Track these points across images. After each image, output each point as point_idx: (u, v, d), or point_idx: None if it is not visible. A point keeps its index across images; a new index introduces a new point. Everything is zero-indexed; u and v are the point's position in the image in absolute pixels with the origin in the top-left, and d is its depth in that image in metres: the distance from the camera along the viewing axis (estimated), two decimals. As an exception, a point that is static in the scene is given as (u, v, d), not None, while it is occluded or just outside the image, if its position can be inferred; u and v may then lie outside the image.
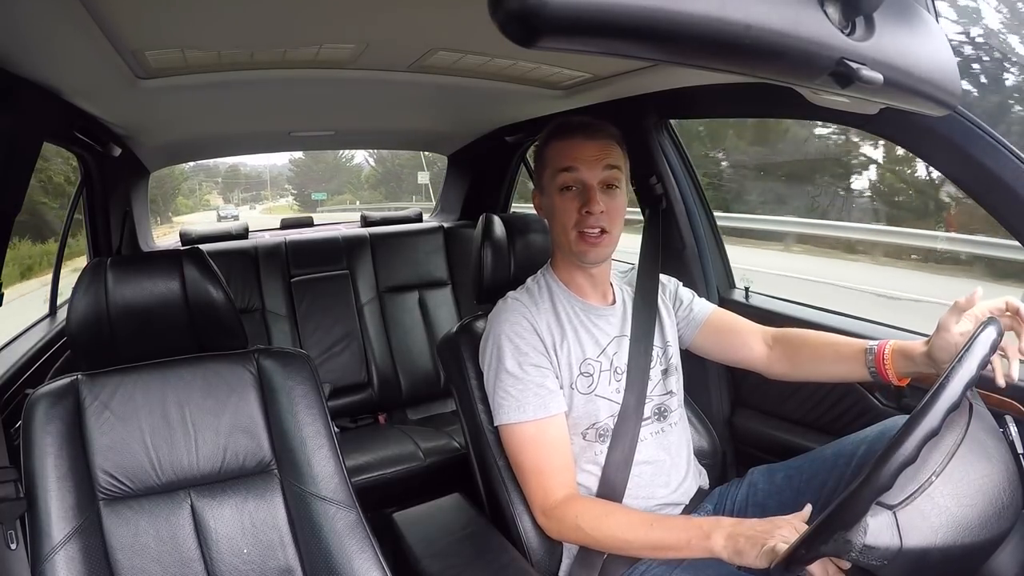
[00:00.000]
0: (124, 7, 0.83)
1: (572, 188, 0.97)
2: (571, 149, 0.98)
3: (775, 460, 1.06)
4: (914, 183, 5.71)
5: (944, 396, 0.62)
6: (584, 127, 0.99)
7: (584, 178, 0.97)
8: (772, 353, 1.07)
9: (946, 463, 0.67)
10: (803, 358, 1.04)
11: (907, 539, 0.62)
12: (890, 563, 0.62)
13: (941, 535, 0.64)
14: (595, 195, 0.96)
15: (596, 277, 1.05)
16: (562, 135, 0.99)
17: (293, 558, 0.96)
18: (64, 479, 0.88)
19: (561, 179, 0.98)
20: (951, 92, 0.63)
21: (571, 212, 0.97)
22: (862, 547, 0.62)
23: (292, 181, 32.43)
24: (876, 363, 0.92)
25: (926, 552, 0.63)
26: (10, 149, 0.97)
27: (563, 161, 0.98)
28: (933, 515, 0.64)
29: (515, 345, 0.96)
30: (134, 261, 1.00)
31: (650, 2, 0.37)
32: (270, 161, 37.22)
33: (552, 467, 0.94)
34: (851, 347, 0.97)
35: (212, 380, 1.01)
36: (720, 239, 1.53)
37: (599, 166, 0.97)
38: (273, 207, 29.44)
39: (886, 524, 0.62)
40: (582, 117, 1.01)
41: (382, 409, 2.10)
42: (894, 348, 0.91)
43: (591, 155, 0.97)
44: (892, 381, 0.92)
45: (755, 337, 1.09)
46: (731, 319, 1.13)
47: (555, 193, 0.99)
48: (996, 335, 0.70)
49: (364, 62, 1.19)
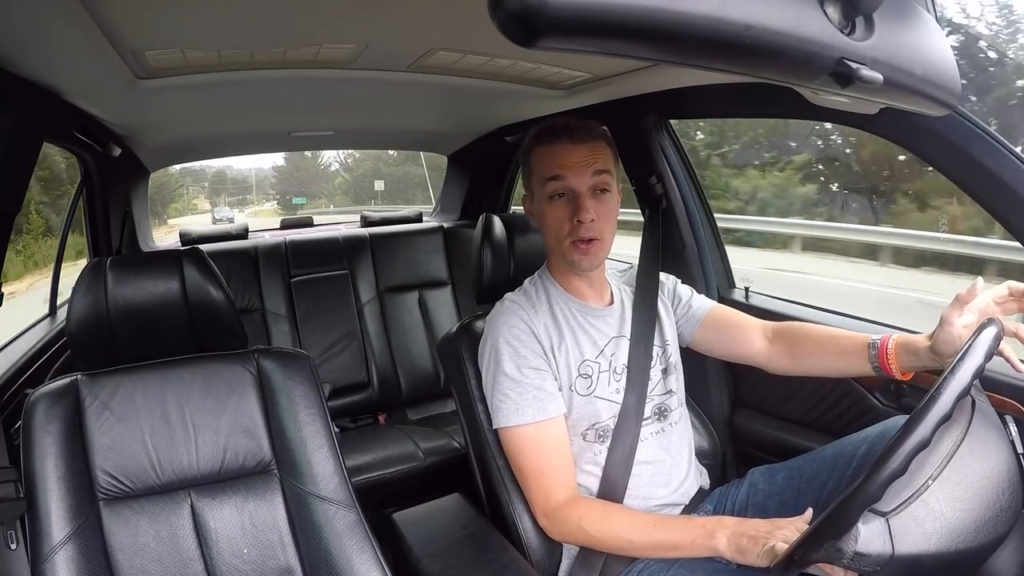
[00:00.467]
0: (124, 7, 0.83)
1: (562, 196, 0.95)
2: (557, 155, 0.95)
3: (775, 460, 1.06)
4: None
5: (936, 408, 0.62)
6: (569, 130, 0.95)
7: (572, 185, 0.94)
8: (773, 348, 1.06)
9: (944, 465, 0.67)
10: (805, 352, 1.02)
11: (899, 546, 0.63)
12: (882, 569, 0.63)
13: (935, 541, 0.64)
14: (585, 203, 0.94)
15: (592, 279, 1.04)
16: (547, 140, 0.97)
17: (293, 558, 0.96)
18: (64, 479, 0.87)
19: (549, 188, 0.96)
20: (951, 92, 0.63)
21: (562, 221, 0.95)
22: (853, 554, 0.62)
23: (276, 186, 33.74)
24: (879, 357, 0.91)
25: (918, 558, 0.64)
26: (10, 149, 0.97)
27: (550, 169, 0.95)
28: (927, 521, 0.64)
29: (513, 348, 0.96)
30: (134, 261, 1.00)
31: (650, 2, 0.37)
32: (256, 164, 38.35)
33: (552, 468, 0.94)
34: (854, 341, 0.95)
35: (212, 380, 1.01)
36: (720, 239, 1.53)
37: (587, 172, 0.94)
38: (259, 211, 30.27)
39: (878, 531, 0.63)
40: (566, 119, 0.98)
41: (382, 409, 2.10)
42: (897, 342, 0.90)
43: (578, 160, 0.94)
44: (895, 375, 0.91)
45: (756, 332, 1.08)
46: (731, 314, 1.12)
47: (544, 201, 0.97)
48: (993, 339, 0.69)
49: (364, 62, 1.19)
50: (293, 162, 28.50)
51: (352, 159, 27.97)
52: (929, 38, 0.60)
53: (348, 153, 26.32)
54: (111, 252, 1.88)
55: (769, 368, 1.07)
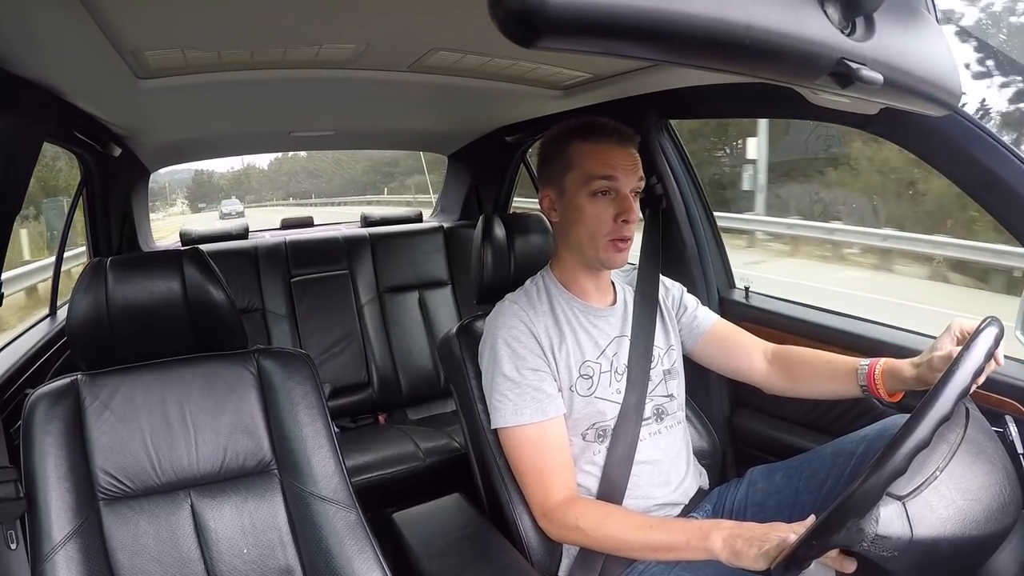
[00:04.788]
0: (124, 7, 0.83)
1: (607, 194, 0.96)
2: (607, 155, 0.96)
3: (775, 460, 1.06)
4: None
5: (953, 383, 0.64)
6: (619, 133, 0.97)
7: (621, 187, 0.96)
8: (771, 368, 1.09)
9: (948, 459, 0.67)
10: (800, 375, 1.05)
11: (917, 529, 0.62)
12: (900, 554, 0.62)
13: (949, 527, 0.64)
14: (632, 204, 0.95)
15: (601, 278, 1.05)
16: (594, 137, 0.97)
17: (293, 558, 0.96)
18: (64, 479, 0.87)
19: (596, 185, 0.96)
20: (951, 92, 0.63)
21: (605, 220, 0.96)
22: (874, 536, 0.61)
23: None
24: (867, 380, 0.94)
25: (936, 543, 0.63)
26: (10, 149, 0.97)
27: (599, 167, 0.95)
28: (941, 507, 0.65)
29: (512, 349, 0.96)
30: (134, 261, 1.00)
31: (650, 2, 0.37)
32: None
33: (551, 469, 0.94)
34: (845, 365, 0.98)
35: (212, 380, 1.01)
36: (720, 239, 1.53)
37: (635, 175, 0.97)
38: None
39: (896, 514, 0.63)
40: (611, 120, 0.98)
41: (382, 409, 2.10)
42: (884, 367, 0.93)
43: (627, 163, 0.96)
44: (883, 398, 0.94)
45: (756, 352, 1.10)
46: (734, 332, 1.14)
47: (583, 197, 0.97)
48: (998, 330, 0.72)
49: (364, 62, 1.19)
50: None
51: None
52: (929, 38, 0.60)
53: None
54: (111, 252, 1.88)
55: (765, 388, 1.10)
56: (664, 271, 1.18)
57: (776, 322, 1.34)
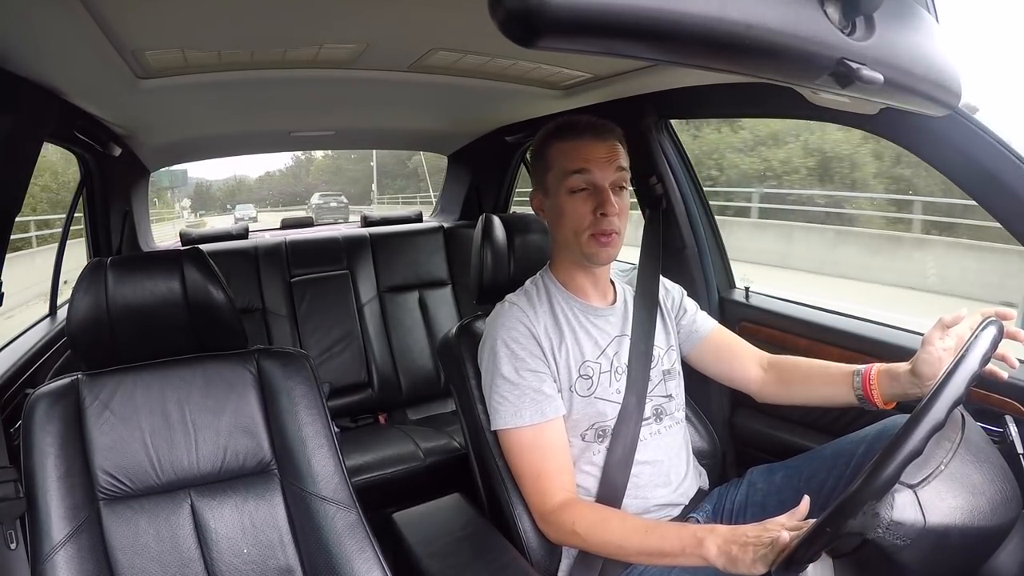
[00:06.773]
0: (124, 7, 0.83)
1: (584, 190, 0.96)
2: (581, 150, 0.96)
3: (775, 460, 1.05)
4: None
5: (965, 365, 0.64)
6: (593, 127, 0.97)
7: (597, 179, 0.96)
8: (766, 377, 1.09)
9: (951, 456, 0.68)
10: (795, 381, 1.06)
11: (930, 516, 0.63)
12: (912, 542, 0.62)
13: (959, 516, 0.65)
14: (609, 196, 0.95)
15: (599, 277, 1.05)
16: (569, 135, 0.98)
17: (293, 558, 0.96)
18: (64, 479, 0.87)
19: (572, 181, 0.96)
20: (951, 92, 0.63)
21: (584, 215, 0.96)
22: (889, 522, 0.62)
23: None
24: (863, 385, 0.94)
25: (947, 531, 0.64)
26: (10, 149, 0.97)
27: (573, 163, 0.96)
28: (950, 496, 0.65)
29: (511, 351, 0.96)
30: (134, 261, 1.00)
31: (650, 2, 0.37)
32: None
33: (549, 471, 0.94)
34: (840, 371, 0.99)
35: (212, 380, 1.01)
36: (720, 239, 1.53)
37: (611, 167, 0.96)
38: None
39: (910, 501, 0.63)
40: (587, 116, 1.00)
41: (382, 409, 2.10)
42: (880, 370, 0.93)
43: (602, 156, 0.96)
44: (877, 403, 0.94)
45: (751, 361, 1.11)
46: (732, 340, 1.14)
47: (563, 195, 0.97)
48: (997, 329, 0.72)
49: (364, 62, 1.19)
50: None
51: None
52: (929, 38, 0.60)
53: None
54: (111, 252, 1.88)
55: (759, 397, 1.10)
56: (664, 271, 1.18)
57: (776, 322, 1.34)
